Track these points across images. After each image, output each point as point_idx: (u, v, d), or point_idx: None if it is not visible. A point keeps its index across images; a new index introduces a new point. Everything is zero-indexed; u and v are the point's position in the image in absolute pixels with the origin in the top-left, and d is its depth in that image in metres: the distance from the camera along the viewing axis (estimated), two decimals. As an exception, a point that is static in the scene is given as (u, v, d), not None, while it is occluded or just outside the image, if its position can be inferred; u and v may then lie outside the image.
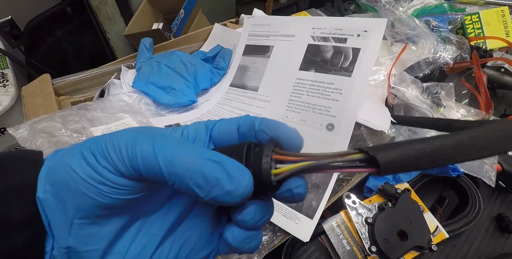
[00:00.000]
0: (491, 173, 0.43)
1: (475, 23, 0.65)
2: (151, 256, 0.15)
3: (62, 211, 0.13)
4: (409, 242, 0.37)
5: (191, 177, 0.12)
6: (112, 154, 0.13)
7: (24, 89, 0.43)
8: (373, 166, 0.11)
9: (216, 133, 0.16)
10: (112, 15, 0.91)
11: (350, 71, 0.36)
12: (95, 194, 0.13)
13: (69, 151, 0.14)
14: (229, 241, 0.15)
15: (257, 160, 0.13)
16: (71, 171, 0.13)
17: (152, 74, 0.45)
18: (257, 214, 0.14)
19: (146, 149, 0.13)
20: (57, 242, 0.14)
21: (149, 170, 0.13)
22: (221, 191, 0.12)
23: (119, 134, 0.14)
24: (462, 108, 0.49)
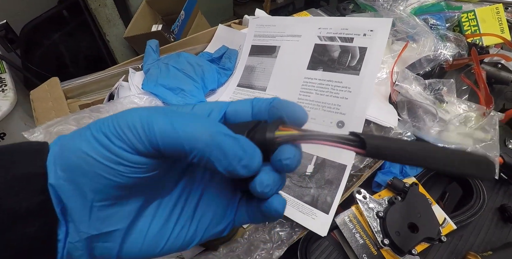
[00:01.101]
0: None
1: (471, 21, 0.67)
2: (171, 232, 0.16)
3: (80, 195, 0.13)
4: (420, 234, 0.38)
5: (211, 151, 0.13)
6: (127, 133, 0.13)
7: (33, 93, 0.43)
8: (361, 147, 0.13)
9: (230, 112, 0.17)
10: (111, 17, 0.90)
11: (358, 70, 0.37)
12: (112, 175, 0.13)
13: (75, 135, 0.14)
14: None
15: (263, 129, 0.15)
16: (84, 154, 0.13)
17: (160, 76, 0.45)
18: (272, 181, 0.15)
19: (164, 125, 0.13)
20: (76, 227, 0.14)
21: (169, 145, 0.13)
22: (238, 164, 0.13)
23: (129, 114, 0.14)
24: (464, 104, 0.50)
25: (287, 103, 0.16)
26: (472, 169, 0.13)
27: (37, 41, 1.10)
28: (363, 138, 0.13)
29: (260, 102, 0.16)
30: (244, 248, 0.31)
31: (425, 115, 0.48)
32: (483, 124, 0.48)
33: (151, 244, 0.15)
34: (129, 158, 0.13)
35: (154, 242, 0.15)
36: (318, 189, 0.35)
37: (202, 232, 0.16)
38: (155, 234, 0.15)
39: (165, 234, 0.16)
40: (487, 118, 0.48)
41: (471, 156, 0.13)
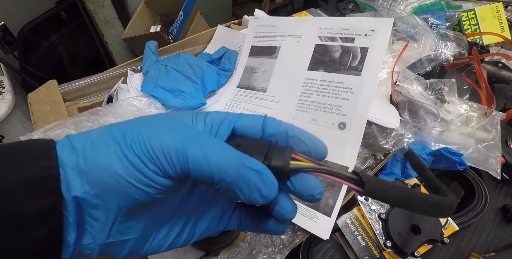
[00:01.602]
0: (496, 166, 0.44)
1: (471, 20, 0.67)
2: (175, 237, 0.18)
3: (105, 209, 0.14)
4: (423, 235, 0.38)
5: (237, 184, 0.14)
6: (161, 158, 0.14)
7: (31, 96, 0.43)
8: (360, 187, 0.16)
9: (239, 127, 0.17)
10: (109, 18, 0.90)
11: (359, 70, 0.37)
12: (140, 195, 0.14)
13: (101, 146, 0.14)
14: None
15: (279, 154, 0.16)
16: (117, 175, 0.14)
17: (160, 77, 0.45)
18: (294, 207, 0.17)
19: (198, 156, 0.14)
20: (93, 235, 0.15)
21: (199, 175, 0.14)
22: (258, 195, 0.15)
23: (162, 135, 0.14)
24: (465, 104, 0.50)
25: (310, 136, 0.17)
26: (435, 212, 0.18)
27: (35, 43, 1.09)
28: (364, 180, 0.16)
29: (275, 125, 0.17)
30: (246, 253, 0.30)
31: (426, 115, 0.48)
32: (485, 124, 0.48)
33: (155, 247, 0.17)
34: (159, 181, 0.14)
35: (159, 245, 0.17)
36: (320, 192, 0.35)
37: (199, 235, 0.19)
38: (160, 240, 0.17)
39: (169, 239, 0.17)
40: (489, 118, 0.48)
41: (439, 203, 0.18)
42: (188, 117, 0.17)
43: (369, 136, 0.38)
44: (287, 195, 0.17)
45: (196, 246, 0.33)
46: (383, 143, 0.38)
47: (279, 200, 0.17)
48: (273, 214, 0.17)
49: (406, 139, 0.37)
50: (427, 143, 0.46)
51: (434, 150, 0.45)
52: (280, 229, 0.18)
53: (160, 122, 0.15)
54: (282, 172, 0.16)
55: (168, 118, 0.16)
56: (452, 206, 0.18)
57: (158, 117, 0.16)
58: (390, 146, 0.38)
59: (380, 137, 0.37)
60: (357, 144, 0.35)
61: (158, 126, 0.15)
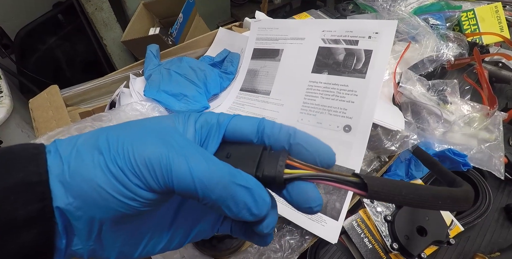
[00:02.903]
0: (500, 166, 0.44)
1: (470, 20, 0.67)
2: (166, 243, 0.17)
3: (89, 221, 0.14)
4: (429, 237, 0.38)
5: (224, 202, 0.14)
6: (145, 173, 0.13)
7: (32, 102, 0.42)
8: (363, 190, 0.15)
9: (232, 130, 0.16)
10: (108, 21, 0.89)
11: (363, 73, 0.37)
12: (123, 208, 0.14)
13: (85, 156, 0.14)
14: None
15: (273, 162, 0.15)
16: (100, 188, 0.13)
17: (162, 81, 0.45)
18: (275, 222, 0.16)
19: (182, 171, 0.13)
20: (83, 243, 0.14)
21: (184, 189, 0.14)
22: (247, 213, 0.14)
23: (146, 147, 0.14)
24: (467, 105, 0.50)
25: (315, 141, 0.16)
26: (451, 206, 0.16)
27: (32, 46, 1.08)
28: (366, 182, 0.15)
29: (276, 131, 0.16)
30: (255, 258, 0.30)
31: (429, 116, 0.48)
32: (487, 124, 0.48)
33: (148, 251, 0.17)
34: (143, 195, 0.14)
35: (150, 249, 0.17)
36: (326, 195, 0.35)
37: (191, 239, 0.18)
38: (152, 244, 0.17)
39: (160, 244, 0.17)
40: (491, 118, 0.48)
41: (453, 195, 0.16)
42: (180, 121, 0.16)
43: (374, 138, 0.38)
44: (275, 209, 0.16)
45: (204, 252, 0.33)
46: (388, 145, 0.38)
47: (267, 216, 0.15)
48: (254, 229, 0.16)
49: (412, 140, 0.37)
50: (430, 144, 0.46)
51: (438, 151, 0.45)
52: (263, 242, 0.18)
53: (147, 130, 0.15)
54: (276, 182, 0.15)
55: (158, 124, 0.15)
56: (468, 196, 0.17)
57: (147, 123, 0.16)
58: (395, 148, 0.38)
59: (385, 139, 0.38)
60: (363, 146, 0.35)
61: (144, 135, 0.14)
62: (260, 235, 0.17)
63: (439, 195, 0.16)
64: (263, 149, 0.16)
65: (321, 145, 0.16)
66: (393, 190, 0.15)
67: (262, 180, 0.15)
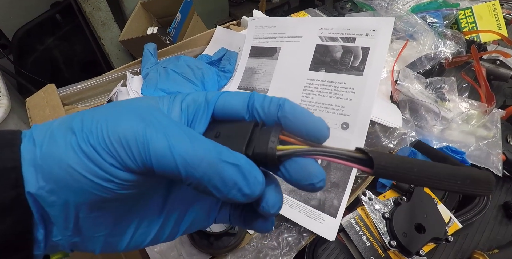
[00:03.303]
0: (498, 163, 0.44)
1: (468, 18, 0.67)
2: (157, 233, 0.16)
3: (63, 206, 0.13)
4: (427, 234, 0.38)
5: (209, 180, 0.12)
6: (119, 151, 0.12)
7: (29, 101, 0.42)
8: (368, 166, 0.13)
9: (221, 106, 0.15)
10: (106, 21, 0.89)
11: (361, 70, 0.37)
12: (100, 191, 0.13)
13: (58, 137, 0.13)
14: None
15: (264, 137, 0.14)
16: (71, 169, 0.12)
17: (160, 80, 0.45)
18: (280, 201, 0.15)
19: (161, 148, 0.12)
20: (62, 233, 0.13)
21: (164, 168, 0.12)
22: (238, 193, 0.13)
23: (121, 124, 0.13)
24: (465, 102, 0.50)
25: (303, 113, 0.14)
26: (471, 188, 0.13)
27: (30, 46, 1.08)
28: (371, 156, 0.13)
29: (265, 103, 0.15)
30: (253, 256, 0.30)
31: (427, 114, 0.48)
32: (485, 122, 0.48)
33: (135, 242, 0.16)
34: (119, 175, 0.13)
35: (139, 241, 0.16)
36: (324, 193, 0.35)
37: (184, 230, 0.17)
38: (140, 235, 0.16)
39: (149, 234, 0.16)
40: (489, 115, 0.48)
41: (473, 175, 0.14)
42: (165, 102, 0.15)
43: (372, 135, 0.38)
44: (275, 187, 0.15)
45: (201, 250, 0.33)
46: (386, 142, 0.38)
47: (266, 194, 0.14)
48: (259, 210, 0.14)
49: (410, 137, 0.37)
50: (428, 141, 0.46)
51: (436, 148, 0.45)
52: (265, 227, 0.16)
53: (125, 108, 0.14)
54: (269, 159, 0.13)
55: (137, 103, 0.14)
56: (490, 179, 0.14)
57: (127, 102, 0.14)
58: (393, 145, 0.38)
59: (383, 136, 0.38)
60: (360, 143, 0.35)
61: (120, 112, 0.13)
62: (263, 218, 0.16)
63: (458, 174, 0.13)
64: (255, 125, 0.14)
65: (309, 117, 0.14)
66: (403, 167, 0.13)
67: (253, 158, 0.13)
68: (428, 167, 0.13)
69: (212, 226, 0.33)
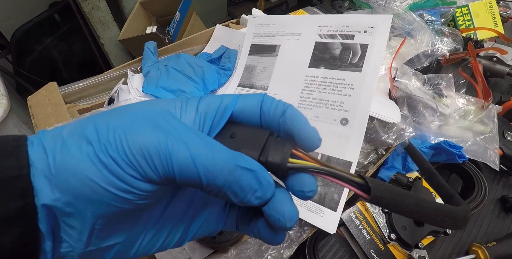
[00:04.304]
0: (495, 158, 0.45)
1: (465, 15, 0.68)
2: (165, 239, 0.16)
3: (80, 218, 0.13)
4: (426, 227, 0.38)
5: (230, 187, 0.13)
6: (141, 162, 0.12)
7: (30, 99, 0.42)
8: (366, 192, 0.14)
9: (238, 111, 0.16)
10: (105, 20, 0.89)
11: (360, 67, 0.38)
12: (120, 203, 0.13)
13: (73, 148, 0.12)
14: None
15: (278, 149, 0.15)
16: (90, 181, 0.12)
17: (161, 78, 0.45)
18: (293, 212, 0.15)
19: (184, 159, 0.12)
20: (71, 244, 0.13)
21: (186, 179, 0.13)
22: (252, 196, 0.13)
23: (141, 135, 0.12)
24: (462, 98, 0.51)
25: (300, 121, 0.15)
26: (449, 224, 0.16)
27: (28, 46, 1.08)
28: (370, 186, 0.14)
29: (272, 109, 0.15)
30: (255, 249, 0.31)
31: (425, 110, 0.49)
32: (482, 117, 0.49)
33: (144, 250, 0.16)
34: (140, 186, 0.13)
35: (147, 248, 0.16)
36: (325, 187, 0.35)
37: (191, 237, 0.17)
38: (148, 242, 0.16)
39: (157, 242, 0.16)
40: (486, 111, 0.49)
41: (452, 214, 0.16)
42: (177, 106, 0.15)
43: (371, 131, 0.39)
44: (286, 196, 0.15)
45: (204, 244, 0.33)
46: (385, 138, 0.39)
47: (275, 202, 0.14)
48: (266, 218, 0.15)
49: (407, 133, 0.38)
50: (426, 137, 0.47)
51: (434, 143, 0.45)
52: (274, 239, 0.16)
53: (140, 115, 0.13)
54: (279, 170, 0.14)
55: (149, 107, 0.14)
56: (467, 217, 0.17)
57: (139, 107, 0.14)
58: (392, 140, 0.38)
59: (381, 131, 0.38)
60: (359, 139, 0.36)
61: (136, 121, 0.13)
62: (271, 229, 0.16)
63: (440, 211, 0.16)
64: (270, 134, 0.15)
65: (306, 127, 0.15)
66: (395, 199, 0.15)
67: (264, 166, 0.14)
68: (416, 201, 0.15)
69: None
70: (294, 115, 0.15)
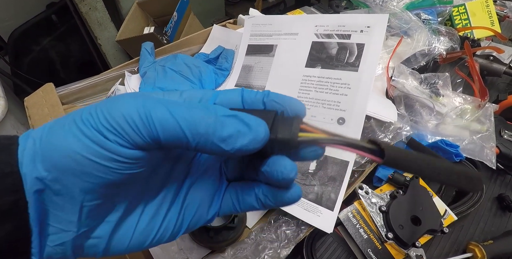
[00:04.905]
0: (491, 156, 0.45)
1: (462, 14, 0.68)
2: (160, 226, 0.16)
3: (68, 195, 0.13)
4: (423, 226, 0.38)
5: (214, 133, 0.13)
6: (124, 126, 0.12)
7: (27, 100, 0.42)
8: (379, 156, 0.14)
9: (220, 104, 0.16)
10: (102, 21, 0.89)
11: (356, 66, 0.38)
12: (105, 173, 0.13)
13: (57, 129, 0.13)
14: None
15: (287, 125, 0.15)
16: (74, 153, 0.12)
17: (158, 78, 0.45)
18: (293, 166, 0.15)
19: (163, 115, 0.12)
20: (61, 228, 0.13)
21: (170, 135, 0.13)
22: (245, 140, 0.13)
23: (121, 103, 0.13)
24: (459, 97, 0.51)
25: (285, 98, 0.16)
26: (465, 183, 0.16)
27: (26, 47, 1.08)
28: (383, 147, 0.14)
29: (252, 95, 0.16)
30: (252, 249, 0.31)
31: (422, 109, 0.49)
32: (479, 116, 0.49)
33: (140, 238, 0.15)
34: (125, 153, 0.13)
35: (143, 236, 0.15)
36: (321, 186, 0.35)
37: (188, 223, 0.17)
38: (144, 228, 0.15)
39: (153, 228, 0.16)
40: (482, 110, 0.49)
41: (467, 172, 0.16)
42: (159, 94, 0.15)
43: (368, 130, 0.39)
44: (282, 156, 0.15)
45: (201, 244, 0.33)
46: (381, 137, 0.39)
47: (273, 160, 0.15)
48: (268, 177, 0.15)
49: (404, 131, 0.38)
50: (423, 136, 0.47)
51: (431, 142, 0.45)
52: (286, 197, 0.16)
53: (120, 95, 0.14)
54: (290, 145, 0.14)
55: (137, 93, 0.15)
56: (480, 178, 0.17)
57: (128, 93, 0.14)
58: (388, 139, 0.38)
59: (378, 130, 0.38)
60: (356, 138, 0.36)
61: (117, 98, 0.13)
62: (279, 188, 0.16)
63: (454, 170, 0.15)
64: (276, 113, 0.15)
65: (291, 99, 0.16)
66: (409, 159, 0.15)
67: (276, 143, 0.15)
68: (429, 161, 0.15)
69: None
70: (277, 94, 0.16)
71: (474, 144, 0.46)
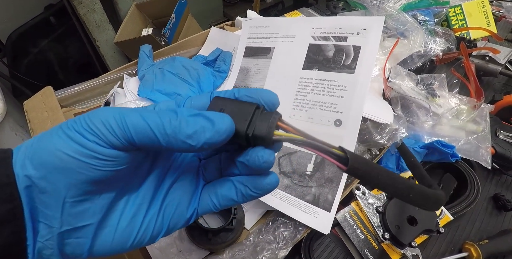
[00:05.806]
0: (487, 156, 0.46)
1: (458, 15, 0.69)
2: (140, 225, 0.17)
3: (53, 191, 0.14)
4: (419, 226, 0.39)
5: (181, 132, 0.14)
6: (101, 128, 0.14)
7: (27, 104, 0.42)
8: (344, 164, 0.15)
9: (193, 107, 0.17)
10: (100, 23, 0.89)
11: (353, 68, 0.38)
12: (86, 170, 0.14)
13: (45, 135, 0.15)
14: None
15: (264, 122, 0.15)
16: (57, 151, 0.14)
17: (156, 81, 0.45)
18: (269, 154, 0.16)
19: (136, 119, 0.14)
20: (47, 224, 0.14)
21: (142, 136, 0.14)
22: (209, 133, 0.14)
23: (100, 111, 0.15)
24: (455, 97, 0.52)
25: (256, 90, 0.17)
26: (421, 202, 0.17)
27: (24, 49, 1.08)
28: (349, 157, 0.15)
29: (222, 91, 0.17)
30: (250, 250, 0.31)
31: (418, 110, 0.49)
32: (474, 116, 0.49)
33: (121, 238, 0.16)
34: (103, 151, 0.14)
35: (125, 236, 0.16)
36: (319, 188, 0.36)
37: (168, 222, 0.17)
38: (125, 228, 0.16)
39: (134, 228, 0.16)
40: (478, 110, 0.49)
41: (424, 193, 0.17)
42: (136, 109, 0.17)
43: (364, 131, 0.39)
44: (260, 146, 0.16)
45: (200, 246, 0.33)
46: (378, 138, 0.39)
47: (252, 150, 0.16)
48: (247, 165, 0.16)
49: (400, 133, 0.38)
50: (420, 137, 0.48)
51: (427, 143, 0.46)
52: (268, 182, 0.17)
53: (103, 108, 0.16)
54: (265, 142, 0.15)
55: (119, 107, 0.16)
56: (438, 199, 0.17)
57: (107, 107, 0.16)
58: (385, 141, 0.39)
59: (375, 132, 0.39)
60: (353, 140, 0.36)
61: (100, 108, 0.15)
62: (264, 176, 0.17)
63: (413, 189, 0.16)
64: (256, 107, 0.16)
65: (262, 91, 0.17)
66: (372, 171, 0.15)
67: (251, 138, 0.15)
68: (391, 177, 0.16)
69: (210, 222, 0.34)
70: (247, 89, 0.17)
71: (470, 144, 0.47)
